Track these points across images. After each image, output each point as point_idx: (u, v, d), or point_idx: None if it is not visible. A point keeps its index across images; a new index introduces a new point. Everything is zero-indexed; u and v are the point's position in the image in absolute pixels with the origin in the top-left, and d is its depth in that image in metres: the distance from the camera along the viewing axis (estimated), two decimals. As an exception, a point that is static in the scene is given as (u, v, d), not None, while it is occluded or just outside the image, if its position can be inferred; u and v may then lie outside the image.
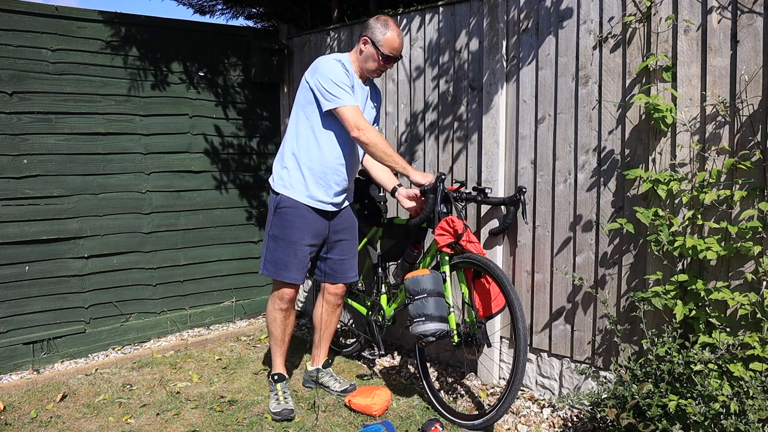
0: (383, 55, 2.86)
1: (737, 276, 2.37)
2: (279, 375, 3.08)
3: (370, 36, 2.86)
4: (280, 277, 2.95)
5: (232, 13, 5.50)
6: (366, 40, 2.88)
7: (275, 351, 3.11)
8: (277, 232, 2.93)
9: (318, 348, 3.29)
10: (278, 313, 3.02)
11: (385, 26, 2.86)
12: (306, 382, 3.31)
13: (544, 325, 3.04)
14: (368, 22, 2.91)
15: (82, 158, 3.78)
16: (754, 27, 2.28)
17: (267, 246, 2.98)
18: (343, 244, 3.11)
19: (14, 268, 3.59)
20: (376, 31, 2.86)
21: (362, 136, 2.76)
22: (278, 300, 3.01)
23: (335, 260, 3.11)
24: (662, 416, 2.22)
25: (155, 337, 4.15)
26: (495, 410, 2.66)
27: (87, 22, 3.76)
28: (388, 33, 2.86)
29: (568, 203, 2.90)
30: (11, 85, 3.50)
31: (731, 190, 2.36)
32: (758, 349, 2.17)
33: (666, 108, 2.47)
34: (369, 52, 2.88)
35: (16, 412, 3.05)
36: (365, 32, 2.89)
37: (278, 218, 2.93)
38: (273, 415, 2.92)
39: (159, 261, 4.13)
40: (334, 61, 2.84)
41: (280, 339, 3.08)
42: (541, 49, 2.95)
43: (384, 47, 2.85)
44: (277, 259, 2.93)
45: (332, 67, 2.81)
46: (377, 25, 2.87)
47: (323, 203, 2.94)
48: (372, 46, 2.86)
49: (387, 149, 2.82)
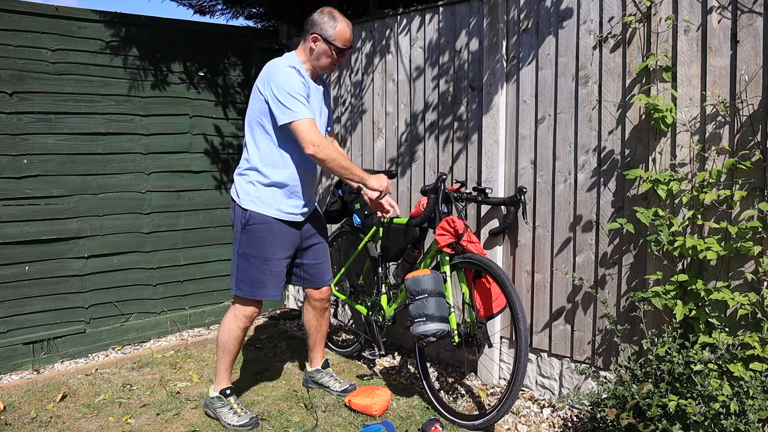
0: (337, 49, 2.74)
1: (737, 276, 2.37)
2: (230, 388, 2.92)
3: (320, 32, 2.71)
4: (258, 296, 2.80)
5: (232, 13, 5.50)
6: (316, 37, 2.72)
7: (227, 366, 2.91)
8: (249, 250, 2.78)
9: (313, 350, 3.26)
10: (241, 331, 2.86)
11: (332, 19, 2.72)
12: (306, 383, 3.29)
13: (544, 325, 3.04)
14: (312, 18, 2.75)
15: (82, 158, 3.78)
16: (754, 27, 2.28)
17: (238, 265, 2.80)
18: (316, 248, 3.02)
19: (14, 268, 3.59)
20: (326, 26, 2.71)
21: (319, 152, 2.61)
22: (243, 317, 2.84)
23: (310, 265, 3.02)
24: (662, 416, 2.22)
25: (155, 337, 4.15)
26: (496, 410, 2.66)
27: (87, 22, 3.76)
28: (338, 25, 2.72)
29: (568, 203, 2.90)
30: (11, 85, 3.50)
31: (731, 190, 2.36)
32: (758, 349, 2.17)
33: (666, 108, 2.47)
34: (321, 49, 2.73)
35: (16, 412, 3.05)
36: (313, 29, 2.73)
37: (248, 235, 2.77)
38: (238, 428, 2.80)
39: (159, 261, 4.13)
40: (288, 68, 2.67)
41: (234, 356, 2.91)
42: (541, 49, 2.95)
43: (337, 41, 2.72)
44: (252, 278, 2.78)
45: (287, 76, 2.64)
46: (324, 19, 2.72)
47: (294, 215, 2.83)
48: (324, 42, 2.72)
49: (344, 162, 2.71)
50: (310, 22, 2.76)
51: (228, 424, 2.83)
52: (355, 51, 4.02)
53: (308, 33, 2.75)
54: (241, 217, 2.78)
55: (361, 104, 4.00)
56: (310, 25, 2.76)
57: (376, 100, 3.89)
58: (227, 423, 2.84)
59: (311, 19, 2.76)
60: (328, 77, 4.22)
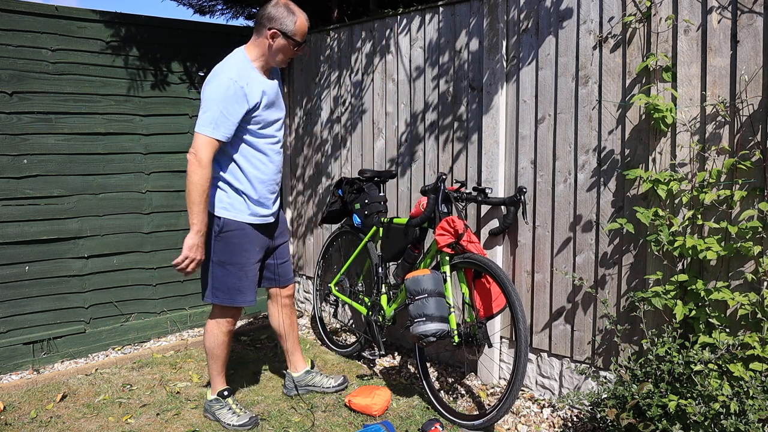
0: (297, 43, 2.68)
1: (737, 276, 2.37)
2: (227, 390, 2.95)
3: (280, 27, 2.62)
4: (236, 303, 2.79)
5: (232, 13, 5.50)
6: (275, 33, 2.62)
7: (218, 370, 2.93)
8: (225, 258, 2.74)
9: (294, 353, 3.18)
10: (225, 336, 2.87)
11: (291, 13, 2.64)
12: (290, 390, 3.18)
13: (544, 325, 3.04)
14: (268, 12, 2.64)
15: (82, 158, 3.78)
16: (754, 27, 2.28)
17: (213, 274, 2.75)
18: (282, 247, 3.02)
19: (14, 268, 3.59)
20: (286, 21, 2.62)
21: (190, 166, 2.54)
22: (226, 324, 2.85)
23: (279, 264, 3.02)
24: (662, 416, 2.22)
25: (155, 337, 4.15)
26: (495, 410, 2.66)
27: (87, 22, 3.76)
28: (298, 19, 2.65)
29: (568, 203, 2.90)
30: (11, 85, 3.50)
31: (731, 190, 2.36)
32: (758, 349, 2.17)
33: (666, 108, 2.47)
34: (280, 44, 2.65)
35: (16, 412, 3.05)
36: (271, 24, 2.62)
37: (224, 242, 2.72)
38: (238, 428, 2.81)
39: (159, 261, 4.13)
40: (225, 79, 2.55)
41: (224, 359, 2.92)
42: (541, 49, 2.95)
43: (297, 35, 2.66)
44: (230, 285, 2.76)
45: (219, 86, 2.55)
46: (282, 13, 2.63)
47: (265, 217, 2.82)
48: (284, 37, 2.64)
49: (195, 195, 2.55)
50: (266, 16, 2.64)
51: (228, 425, 2.84)
52: (355, 51, 4.02)
53: (264, 27, 2.64)
54: (214, 225, 2.72)
55: (361, 104, 4.00)
56: (266, 19, 2.64)
57: (376, 100, 3.89)
58: (227, 424, 2.84)
59: (267, 14, 2.64)
60: (323, 77, 4.22)
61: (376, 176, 3.55)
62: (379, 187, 3.56)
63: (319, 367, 3.60)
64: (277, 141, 2.81)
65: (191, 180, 2.56)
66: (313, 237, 4.53)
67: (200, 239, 2.61)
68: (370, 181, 3.55)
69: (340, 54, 4.15)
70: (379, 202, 3.50)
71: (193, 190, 2.56)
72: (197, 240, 2.60)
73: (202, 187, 2.57)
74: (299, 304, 4.76)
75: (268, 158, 2.76)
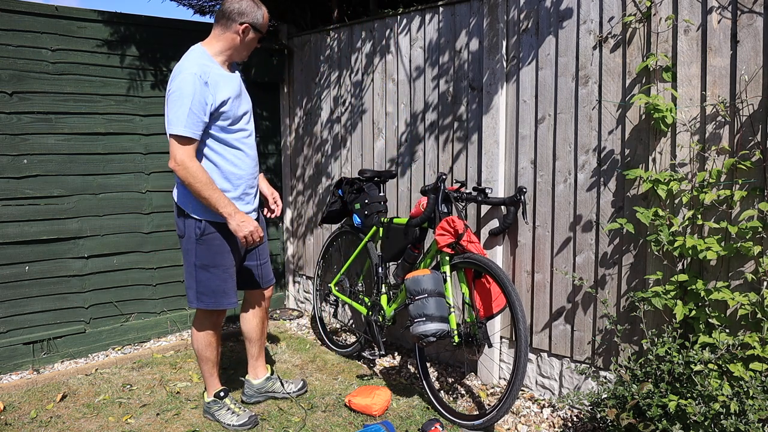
0: (263, 36, 2.71)
1: (737, 276, 2.37)
2: (223, 390, 2.93)
3: (251, 21, 2.61)
4: (222, 305, 2.76)
5: (232, 13, 5.49)
6: (247, 27, 2.61)
7: (211, 373, 2.91)
8: (208, 261, 2.70)
9: (257, 359, 3.13)
10: (213, 338, 2.85)
11: (257, 6, 2.64)
12: (250, 398, 3.10)
13: (544, 325, 3.04)
14: (235, 6, 2.60)
15: (82, 158, 3.78)
16: (754, 27, 2.28)
17: (197, 278, 2.72)
18: (261, 247, 2.97)
19: (14, 268, 3.59)
20: (256, 14, 2.62)
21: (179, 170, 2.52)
22: (211, 325, 2.83)
23: (259, 265, 2.97)
24: (662, 416, 2.22)
25: (155, 337, 4.15)
26: (495, 410, 2.66)
27: (87, 22, 3.76)
28: (264, 11, 2.66)
29: (568, 203, 2.90)
30: (11, 85, 3.50)
31: (731, 190, 2.36)
32: (758, 349, 2.17)
33: (666, 108, 2.47)
34: (251, 38, 2.66)
35: (16, 412, 3.05)
36: (243, 19, 2.60)
37: (206, 245, 2.68)
38: (238, 428, 2.81)
39: (159, 261, 4.13)
40: (188, 75, 2.50)
41: (215, 361, 2.90)
42: (541, 49, 2.95)
43: (263, 28, 2.67)
44: (215, 288, 2.72)
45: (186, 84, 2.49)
46: (252, 7, 2.62)
47: (247, 214, 2.76)
48: (254, 31, 2.64)
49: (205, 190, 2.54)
50: (236, 11, 2.60)
51: (228, 425, 2.84)
52: (355, 51, 4.02)
53: (234, 22, 2.60)
54: (195, 228, 2.67)
55: (361, 104, 4.00)
56: (236, 14, 2.60)
57: (376, 100, 3.89)
58: (227, 424, 2.84)
59: (236, 8, 2.60)
60: (323, 77, 4.22)
61: (376, 176, 3.55)
62: (379, 187, 3.56)
63: (319, 367, 3.60)
64: (249, 134, 2.76)
65: (190, 183, 2.52)
66: (313, 237, 4.53)
67: (240, 218, 2.59)
68: (370, 181, 3.55)
69: (340, 54, 4.15)
70: (379, 202, 3.51)
71: (200, 188, 2.52)
72: (237, 221, 2.59)
73: (203, 179, 2.53)
74: (299, 304, 4.76)
75: (244, 153, 2.72)
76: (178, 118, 2.51)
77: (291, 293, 4.84)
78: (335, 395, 3.19)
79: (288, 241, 4.80)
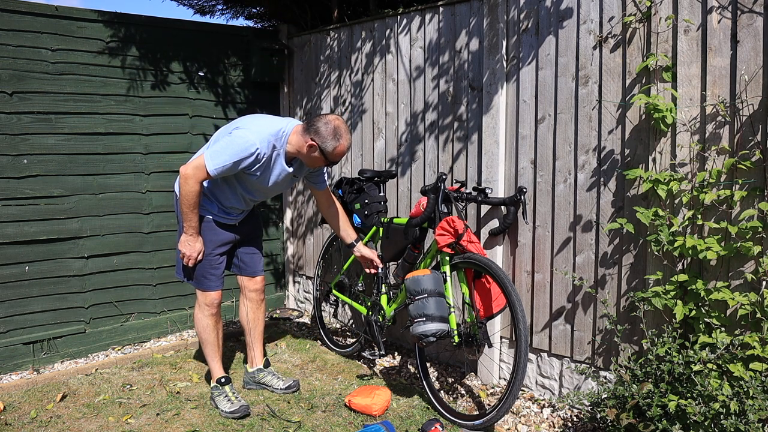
0: (330, 162, 2.83)
1: (737, 276, 2.37)
2: (225, 378, 3.09)
3: (320, 144, 2.74)
4: (202, 287, 2.99)
5: (232, 13, 5.51)
6: (314, 146, 2.75)
7: (212, 357, 3.10)
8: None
9: (252, 349, 3.29)
10: (209, 319, 3.03)
11: (336, 138, 2.74)
12: (247, 384, 3.30)
13: (544, 325, 3.04)
14: (317, 126, 2.74)
15: (82, 158, 3.78)
16: (754, 27, 2.28)
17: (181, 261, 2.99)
18: (252, 240, 3.19)
19: (14, 268, 3.59)
20: (328, 142, 2.74)
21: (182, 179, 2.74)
22: (206, 307, 3.02)
23: (246, 253, 3.17)
24: (662, 416, 2.22)
25: (155, 337, 4.15)
26: (496, 410, 2.66)
27: (87, 22, 3.76)
28: (339, 144, 2.76)
29: (568, 203, 2.90)
30: (11, 85, 3.50)
31: (731, 190, 2.36)
32: (758, 349, 2.17)
33: (666, 108, 2.47)
34: (315, 156, 2.79)
35: (16, 412, 3.05)
36: (314, 137, 2.74)
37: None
38: (229, 414, 2.93)
39: (159, 261, 4.13)
40: (250, 145, 2.68)
41: (215, 344, 3.08)
42: (541, 49, 2.95)
43: (333, 156, 2.79)
44: (197, 273, 2.97)
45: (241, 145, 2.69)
46: (328, 133, 2.73)
47: (229, 219, 3.00)
48: (320, 153, 2.77)
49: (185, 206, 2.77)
50: (314, 128, 2.75)
51: (222, 411, 2.98)
52: (355, 51, 4.02)
53: (308, 134, 2.76)
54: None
55: (361, 104, 4.00)
56: (314, 131, 2.75)
57: (376, 100, 3.89)
58: (221, 410, 2.99)
59: (316, 126, 2.74)
60: (323, 77, 4.21)
61: (376, 176, 3.55)
62: (379, 187, 3.56)
63: (319, 367, 3.60)
64: (257, 193, 2.96)
65: (182, 194, 2.77)
66: (313, 237, 4.53)
67: (193, 239, 2.87)
68: (370, 181, 3.55)
69: (340, 54, 4.15)
70: (379, 202, 3.51)
71: (183, 201, 2.78)
72: (188, 239, 2.88)
73: (191, 200, 2.77)
74: (299, 304, 4.76)
75: (240, 198, 2.94)
76: (215, 158, 2.71)
77: (291, 293, 4.84)
78: (335, 395, 3.19)
79: (288, 241, 4.80)
